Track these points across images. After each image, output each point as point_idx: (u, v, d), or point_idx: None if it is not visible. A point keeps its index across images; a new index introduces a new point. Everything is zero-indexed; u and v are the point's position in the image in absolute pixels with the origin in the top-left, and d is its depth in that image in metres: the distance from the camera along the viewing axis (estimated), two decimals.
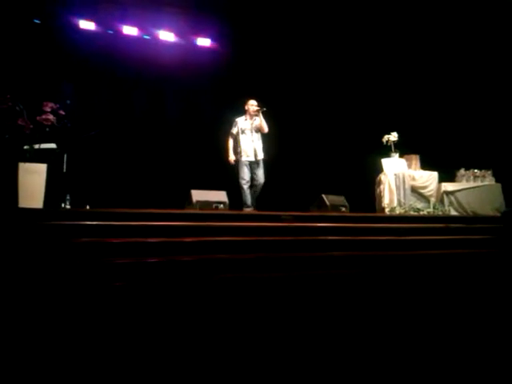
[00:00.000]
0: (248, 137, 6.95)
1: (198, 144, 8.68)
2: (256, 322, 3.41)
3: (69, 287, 3.49)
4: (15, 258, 3.62)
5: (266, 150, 7.22)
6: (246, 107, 7.06)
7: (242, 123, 7.01)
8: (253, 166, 6.92)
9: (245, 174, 6.85)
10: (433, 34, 9.04)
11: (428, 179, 8.06)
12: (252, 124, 6.99)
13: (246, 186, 6.83)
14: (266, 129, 6.99)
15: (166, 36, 8.90)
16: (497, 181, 8.23)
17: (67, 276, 3.61)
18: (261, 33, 8.99)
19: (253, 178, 6.93)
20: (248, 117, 7.03)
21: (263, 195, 7.03)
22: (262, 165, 6.97)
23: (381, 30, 9.10)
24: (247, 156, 6.89)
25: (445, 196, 8.00)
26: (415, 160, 8.22)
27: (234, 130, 7.02)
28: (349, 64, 9.54)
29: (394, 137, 7.90)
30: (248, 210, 6.68)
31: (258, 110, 6.93)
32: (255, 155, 6.90)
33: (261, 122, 6.95)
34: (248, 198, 6.81)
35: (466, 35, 8.88)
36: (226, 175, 7.14)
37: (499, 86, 9.00)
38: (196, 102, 9.04)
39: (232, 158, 6.95)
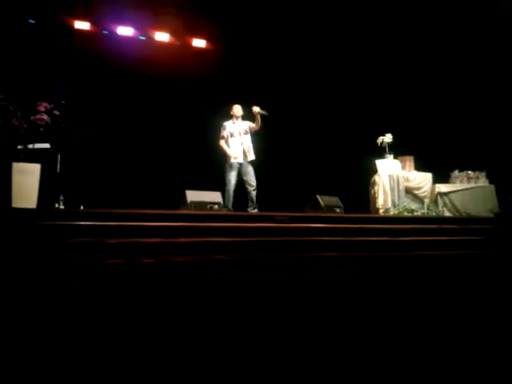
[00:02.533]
0: (237, 139, 7.04)
1: (192, 145, 8.67)
2: (251, 323, 3.41)
3: (63, 287, 3.48)
4: (9, 258, 3.61)
5: (261, 150, 7.26)
6: (232, 112, 7.16)
7: (230, 127, 7.10)
8: (243, 167, 6.96)
9: (232, 176, 6.89)
10: (427, 36, 9.08)
11: (422, 180, 8.10)
12: (240, 126, 7.09)
13: (231, 189, 6.87)
14: (258, 127, 7.09)
15: (162, 37, 8.90)
16: (490, 182, 8.28)
17: (61, 276, 3.60)
18: (256, 34, 9.00)
19: (245, 181, 6.96)
20: (235, 120, 7.13)
21: (257, 196, 7.03)
22: (251, 166, 7.01)
23: (375, 32, 9.13)
24: (235, 158, 6.94)
25: (439, 197, 8.05)
26: (409, 161, 8.26)
27: (225, 134, 7.08)
28: (344, 66, 9.57)
29: (388, 138, 7.93)
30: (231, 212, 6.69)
31: (258, 113, 6.96)
32: (245, 157, 6.97)
33: (257, 123, 7.02)
34: (230, 202, 6.83)
35: (460, 38, 8.93)
36: (220, 176, 7.14)
37: (493, 88, 9.05)
38: (191, 103, 9.03)
39: (233, 154, 6.95)
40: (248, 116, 7.18)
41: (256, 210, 6.82)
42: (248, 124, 7.12)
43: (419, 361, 2.90)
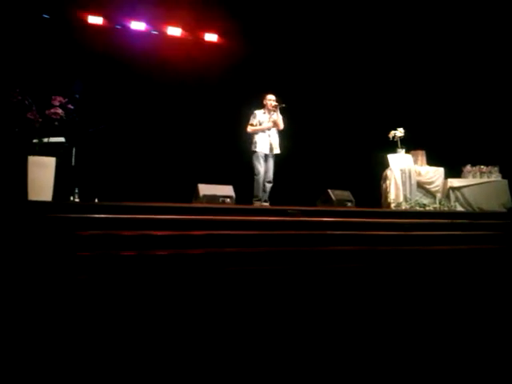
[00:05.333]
0: (265, 131, 6.96)
1: (205, 138, 8.71)
2: (262, 315, 3.44)
3: (77, 279, 3.54)
4: (25, 250, 3.67)
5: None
6: (264, 101, 7.07)
7: (260, 116, 7.00)
8: (266, 159, 6.94)
9: (260, 166, 6.86)
10: (440, 29, 9.01)
11: (434, 175, 8.07)
12: (269, 118, 7.00)
13: (261, 180, 6.84)
14: (281, 125, 7.02)
15: (174, 31, 8.93)
16: (503, 177, 8.22)
17: (76, 268, 3.66)
18: (267, 29, 8.99)
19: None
20: (266, 110, 7.03)
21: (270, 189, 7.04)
22: (273, 160, 6.99)
23: (388, 26, 9.08)
24: (262, 149, 6.90)
25: (451, 192, 8.02)
26: (421, 156, 8.23)
27: (254, 122, 6.97)
28: (356, 60, 9.53)
29: (400, 132, 7.89)
30: (259, 204, 6.70)
31: (276, 106, 6.94)
32: (270, 149, 6.93)
33: (277, 118, 6.96)
34: (261, 192, 6.81)
35: (472, 31, 8.85)
36: (232, 169, 7.16)
37: (506, 81, 8.96)
38: (203, 97, 9.05)
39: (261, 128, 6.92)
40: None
41: (267, 204, 6.81)
42: (276, 118, 7.01)
43: (430, 356, 2.91)
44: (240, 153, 7.63)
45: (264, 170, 6.89)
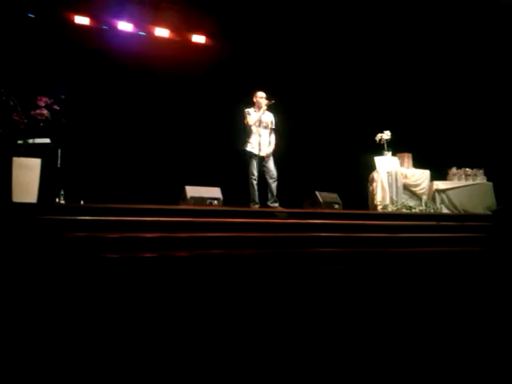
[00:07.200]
0: (255, 130, 6.73)
1: (192, 140, 8.68)
2: (249, 317, 3.43)
3: (63, 282, 3.50)
4: (9, 252, 3.63)
5: None
6: (255, 99, 6.84)
7: (253, 114, 6.74)
8: (260, 159, 6.71)
9: (253, 168, 6.63)
10: (426, 33, 9.10)
11: (420, 177, 8.14)
12: (260, 117, 6.74)
13: (254, 182, 6.61)
14: (273, 146, 6.87)
15: (161, 32, 8.90)
16: (488, 180, 8.32)
17: (61, 270, 3.62)
18: (255, 30, 9.01)
19: (264, 172, 6.73)
20: (257, 108, 6.78)
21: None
22: (270, 158, 6.76)
23: (375, 29, 9.15)
24: (252, 148, 6.68)
25: (436, 194, 8.09)
26: (407, 158, 8.30)
27: (251, 119, 6.71)
28: (343, 63, 9.58)
29: (386, 135, 7.95)
30: (255, 207, 6.52)
31: (267, 104, 6.71)
32: (259, 150, 6.64)
33: (271, 140, 6.83)
34: (256, 194, 6.61)
35: (458, 35, 8.95)
36: (220, 172, 7.14)
37: (492, 85, 9.07)
38: (190, 99, 9.03)
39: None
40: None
41: (277, 204, 6.62)
42: (271, 119, 6.84)
43: (416, 358, 2.93)
44: (228, 154, 7.62)
45: (258, 172, 6.66)
